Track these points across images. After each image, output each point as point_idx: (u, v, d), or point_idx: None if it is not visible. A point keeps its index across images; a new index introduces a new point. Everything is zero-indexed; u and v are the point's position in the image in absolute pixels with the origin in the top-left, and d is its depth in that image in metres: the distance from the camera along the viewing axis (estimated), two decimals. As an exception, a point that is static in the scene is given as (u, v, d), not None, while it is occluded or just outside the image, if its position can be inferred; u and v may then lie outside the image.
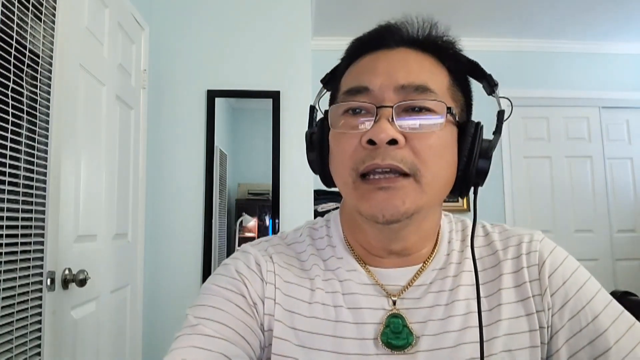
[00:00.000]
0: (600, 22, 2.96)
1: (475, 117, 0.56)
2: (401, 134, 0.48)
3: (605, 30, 3.08)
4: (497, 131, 0.54)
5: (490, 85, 0.55)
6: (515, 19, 2.91)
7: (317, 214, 2.21)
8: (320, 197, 2.33)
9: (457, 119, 0.52)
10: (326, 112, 0.55)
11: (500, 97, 0.56)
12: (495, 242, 0.58)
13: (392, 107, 0.49)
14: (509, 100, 0.57)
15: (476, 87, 0.59)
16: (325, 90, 0.62)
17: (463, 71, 0.56)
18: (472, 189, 0.55)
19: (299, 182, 2.19)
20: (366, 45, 0.56)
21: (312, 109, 0.61)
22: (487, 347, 0.51)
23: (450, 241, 0.59)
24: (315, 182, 2.21)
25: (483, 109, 0.67)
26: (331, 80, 0.60)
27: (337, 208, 0.65)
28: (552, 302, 0.53)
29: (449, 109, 0.50)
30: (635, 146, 3.34)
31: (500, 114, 0.55)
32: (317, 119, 0.60)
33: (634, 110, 3.34)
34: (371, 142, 0.48)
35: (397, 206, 0.48)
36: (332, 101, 0.58)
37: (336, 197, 2.36)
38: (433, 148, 0.49)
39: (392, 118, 0.49)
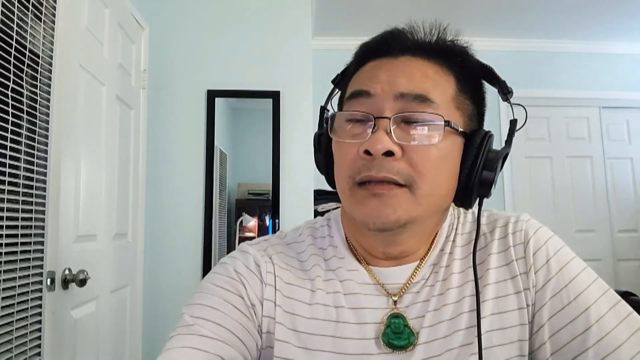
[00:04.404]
0: (600, 22, 2.96)
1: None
2: (398, 146, 0.48)
3: (605, 30, 3.08)
4: (508, 141, 0.53)
5: (504, 93, 0.54)
6: (516, 19, 2.91)
7: (317, 214, 2.21)
8: (320, 197, 2.33)
9: (460, 129, 0.51)
10: (329, 118, 0.55)
11: (514, 104, 0.55)
12: (482, 225, 0.58)
13: (389, 118, 0.49)
14: (524, 108, 0.55)
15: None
16: (336, 91, 0.61)
17: (474, 77, 0.55)
18: (478, 199, 0.54)
19: (299, 182, 2.19)
20: (371, 52, 0.55)
21: (323, 110, 0.60)
22: (476, 329, 0.51)
23: (447, 236, 0.59)
24: (315, 182, 2.21)
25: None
26: (341, 81, 0.60)
27: (337, 208, 0.64)
28: (536, 279, 0.54)
29: (447, 122, 0.49)
30: (635, 146, 3.33)
31: (513, 123, 0.54)
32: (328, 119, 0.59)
33: (634, 110, 3.33)
34: (368, 152, 0.49)
35: (387, 214, 0.49)
36: (339, 105, 0.59)
37: (336, 197, 2.34)
38: (430, 160, 0.49)
39: (390, 129, 0.49)
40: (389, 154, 0.48)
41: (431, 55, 0.53)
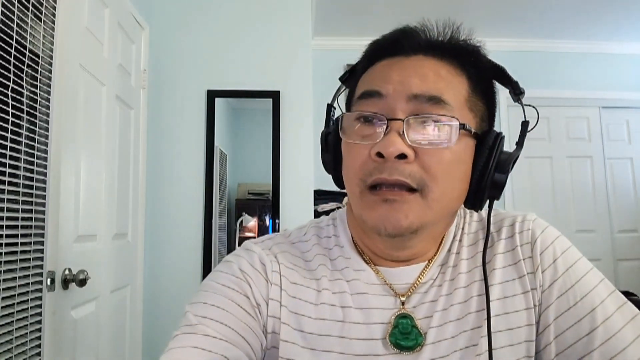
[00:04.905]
0: (601, 22, 2.96)
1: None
2: (411, 148, 0.47)
3: (605, 30, 3.08)
4: (519, 143, 0.52)
5: (516, 94, 0.54)
6: (516, 19, 2.91)
7: (317, 214, 2.21)
8: (320, 197, 2.33)
9: (473, 131, 0.50)
10: (339, 118, 0.54)
11: (526, 105, 0.53)
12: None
13: (403, 120, 0.48)
14: (536, 110, 0.54)
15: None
16: (343, 88, 0.60)
17: (486, 77, 0.54)
18: (488, 202, 0.53)
19: (299, 182, 2.18)
20: (382, 50, 0.54)
21: (329, 108, 0.59)
22: (482, 330, 0.51)
23: (454, 236, 0.58)
24: (315, 182, 2.21)
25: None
26: (349, 79, 0.59)
27: (337, 208, 0.64)
28: (543, 279, 0.53)
29: (462, 125, 0.48)
30: (635, 146, 3.33)
31: (524, 125, 0.53)
32: (335, 117, 0.58)
33: (634, 110, 3.33)
34: (380, 154, 0.47)
35: (399, 220, 0.48)
36: (348, 105, 0.57)
37: (336, 197, 2.36)
38: (444, 164, 0.48)
39: (403, 131, 0.47)
40: (402, 156, 0.47)
41: (444, 54, 0.52)
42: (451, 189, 0.50)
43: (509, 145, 0.46)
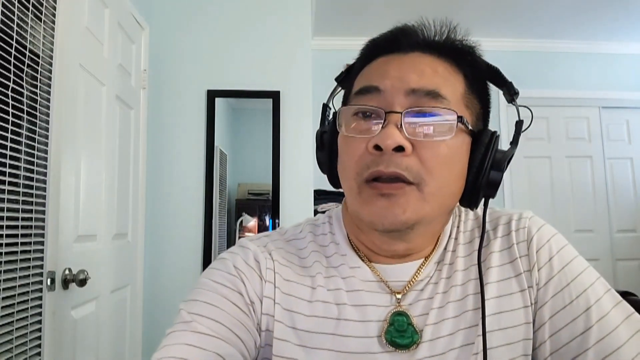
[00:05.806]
0: (600, 22, 2.96)
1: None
2: (408, 141, 0.47)
3: (605, 30, 3.08)
4: (514, 142, 0.53)
5: (510, 94, 0.54)
6: (515, 19, 2.91)
7: (317, 214, 2.21)
8: (320, 197, 2.33)
9: (470, 127, 0.50)
10: (336, 113, 0.54)
11: (520, 105, 0.54)
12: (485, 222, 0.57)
13: (401, 113, 0.48)
14: (530, 110, 0.55)
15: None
16: (339, 89, 0.61)
17: (481, 77, 0.55)
18: (483, 200, 0.53)
19: (299, 182, 2.19)
20: (380, 48, 0.55)
21: (325, 107, 0.60)
22: (478, 329, 0.51)
23: (450, 234, 0.58)
24: (315, 182, 2.21)
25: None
26: (345, 79, 0.59)
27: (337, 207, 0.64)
28: (539, 277, 0.53)
29: (460, 118, 0.48)
30: (635, 146, 3.33)
31: (519, 125, 0.53)
32: (330, 117, 0.59)
33: (634, 110, 3.33)
34: (377, 147, 0.47)
35: (396, 215, 0.48)
36: (345, 102, 0.57)
37: (336, 197, 2.36)
38: (441, 157, 0.48)
39: (401, 124, 0.47)
40: (399, 149, 0.47)
41: (441, 53, 0.53)
42: (447, 183, 0.50)
43: (505, 145, 0.46)
